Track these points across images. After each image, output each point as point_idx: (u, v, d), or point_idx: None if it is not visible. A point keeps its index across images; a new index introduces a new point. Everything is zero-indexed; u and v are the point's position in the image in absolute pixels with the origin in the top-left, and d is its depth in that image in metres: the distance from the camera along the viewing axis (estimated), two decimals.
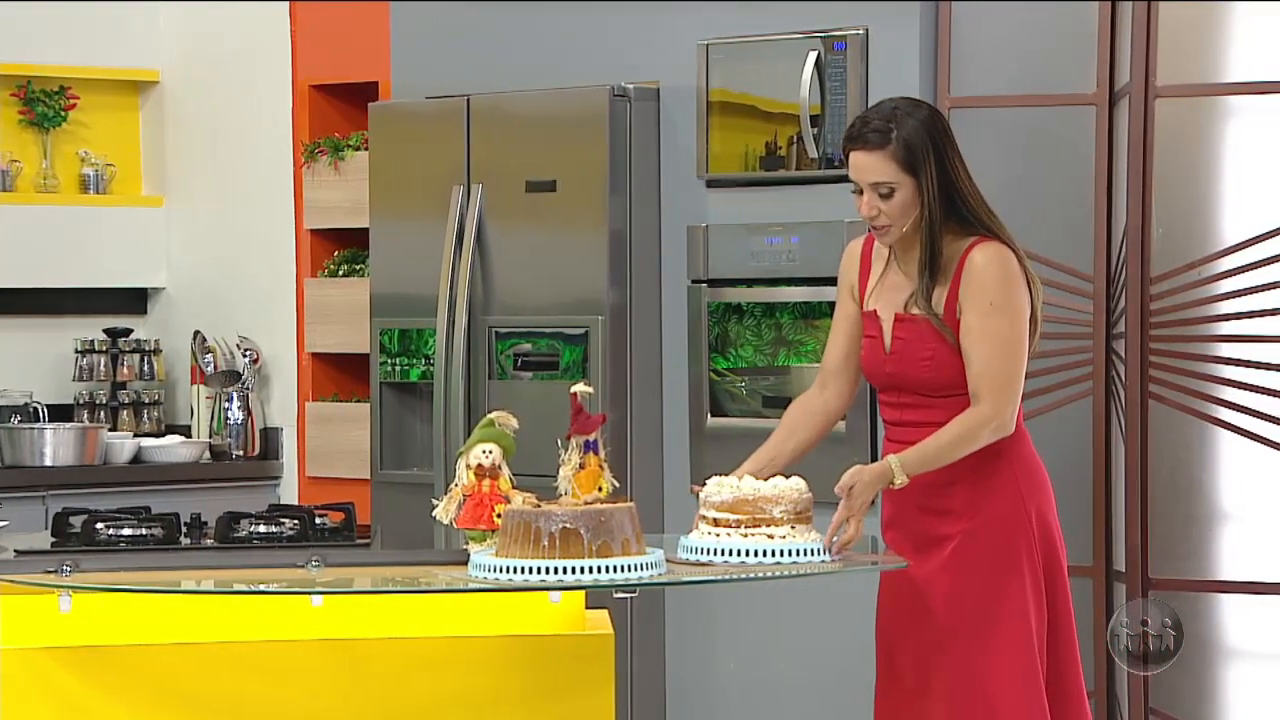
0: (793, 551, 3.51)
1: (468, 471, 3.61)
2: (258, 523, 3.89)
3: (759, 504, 3.53)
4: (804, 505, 3.56)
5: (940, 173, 3.71)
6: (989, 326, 3.67)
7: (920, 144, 3.70)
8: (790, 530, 3.53)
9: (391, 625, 3.68)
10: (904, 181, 3.71)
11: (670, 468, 5.24)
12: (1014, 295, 3.70)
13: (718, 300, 5.14)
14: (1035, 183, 4.80)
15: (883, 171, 3.70)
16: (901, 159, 3.70)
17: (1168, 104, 4.64)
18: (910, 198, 3.71)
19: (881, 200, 3.72)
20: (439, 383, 5.44)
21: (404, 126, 5.60)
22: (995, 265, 3.70)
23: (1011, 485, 3.76)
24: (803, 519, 3.55)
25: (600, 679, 3.69)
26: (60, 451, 6.13)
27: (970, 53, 4.85)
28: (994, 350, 3.66)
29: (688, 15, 5.19)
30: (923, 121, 3.72)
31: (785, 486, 3.56)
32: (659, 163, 5.27)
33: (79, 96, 6.62)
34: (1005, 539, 3.75)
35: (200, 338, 6.50)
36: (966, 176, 3.76)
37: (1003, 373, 3.66)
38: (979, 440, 3.67)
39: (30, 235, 6.50)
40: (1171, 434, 4.64)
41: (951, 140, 3.76)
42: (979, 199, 3.76)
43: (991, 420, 3.66)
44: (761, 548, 3.51)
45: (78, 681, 3.55)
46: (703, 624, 5.20)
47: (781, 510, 3.53)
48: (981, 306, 3.68)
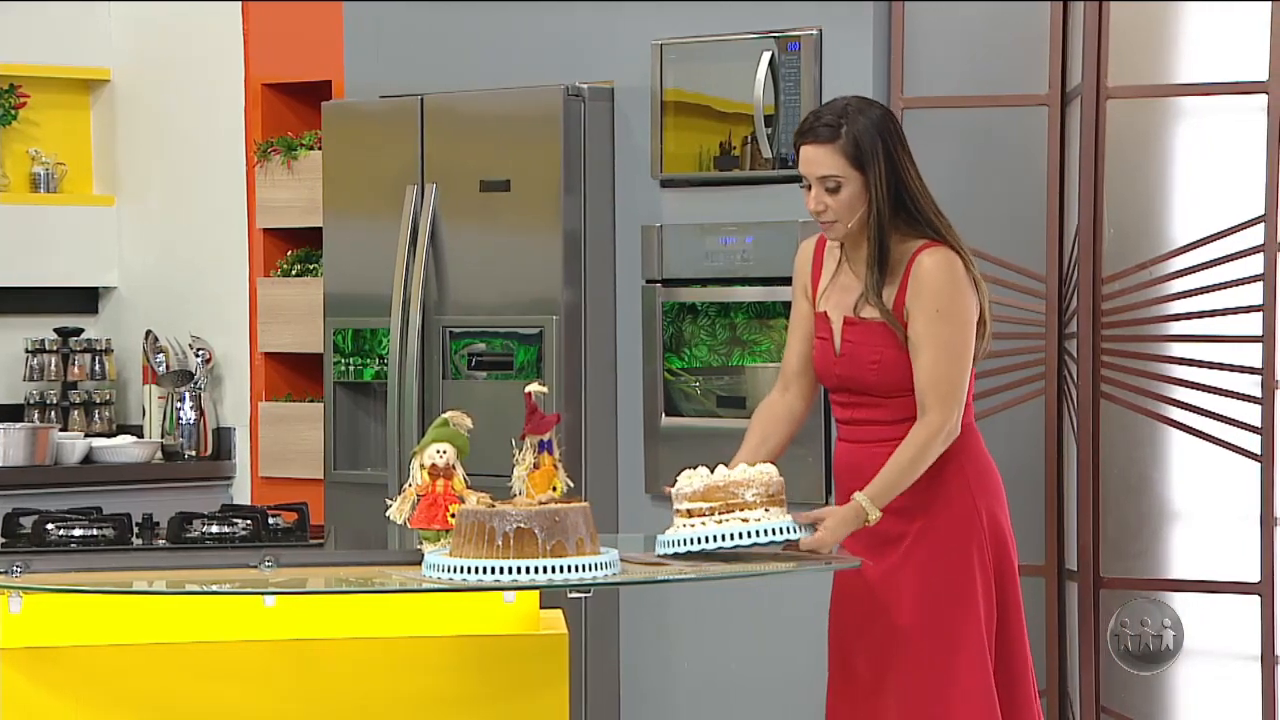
0: (768, 531, 3.52)
1: (422, 471, 3.61)
2: (210, 523, 3.88)
3: (730, 489, 3.55)
4: (776, 488, 3.58)
5: (889, 171, 3.74)
6: (936, 333, 3.71)
7: (870, 141, 3.73)
8: (765, 513, 3.54)
9: (345, 626, 3.67)
10: (851, 176, 3.74)
11: (625, 468, 5.24)
12: (961, 301, 3.73)
13: (672, 300, 5.15)
14: (988, 183, 4.82)
15: (830, 165, 3.74)
16: (850, 154, 3.73)
17: (1119, 105, 4.67)
18: (857, 194, 3.74)
19: (828, 195, 3.75)
20: (393, 383, 5.43)
21: (357, 126, 5.58)
22: (943, 271, 3.73)
23: (963, 485, 3.78)
24: (775, 501, 3.57)
25: (554, 679, 3.69)
26: (10, 452, 6.09)
27: (923, 53, 4.86)
28: (940, 357, 3.70)
29: (642, 15, 5.19)
30: (874, 120, 3.76)
31: (755, 471, 3.59)
32: (613, 162, 5.27)
33: (29, 95, 6.58)
34: (957, 538, 3.77)
35: (152, 337, 6.47)
36: (917, 177, 3.78)
37: (948, 380, 3.70)
38: (934, 452, 3.71)
39: None
40: (1123, 433, 4.67)
41: (903, 141, 3.78)
42: (929, 200, 3.78)
43: (941, 429, 3.70)
44: (737, 530, 3.52)
45: (28, 683, 3.53)
46: (657, 624, 5.21)
47: (754, 493, 3.54)
48: (928, 313, 3.72)
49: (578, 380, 5.25)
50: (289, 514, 4.00)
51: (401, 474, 5.17)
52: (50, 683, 3.53)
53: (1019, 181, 4.80)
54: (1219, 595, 4.58)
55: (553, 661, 3.68)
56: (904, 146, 3.78)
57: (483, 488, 3.61)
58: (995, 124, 4.82)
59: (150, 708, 3.57)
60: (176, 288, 6.54)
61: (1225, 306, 4.59)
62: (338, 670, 3.62)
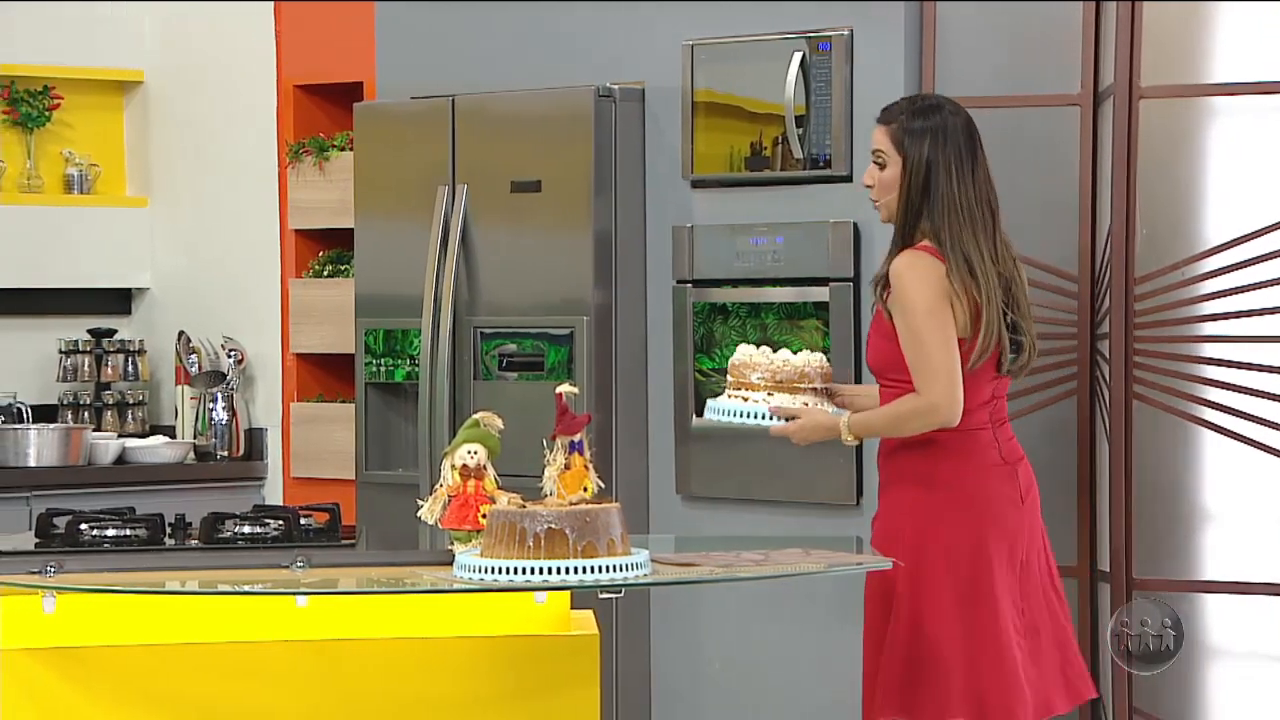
0: (742, 413, 3.82)
1: (453, 472, 3.61)
2: (242, 523, 3.89)
3: (741, 369, 3.85)
4: (786, 375, 3.85)
5: (928, 168, 3.99)
6: (904, 326, 3.97)
7: (917, 132, 4.02)
8: (766, 396, 3.80)
9: (377, 626, 3.68)
10: (894, 158, 4.04)
11: (655, 468, 5.24)
12: (915, 294, 3.96)
13: (703, 300, 5.15)
14: (1020, 183, 4.81)
15: (880, 142, 4.07)
16: (897, 138, 4.04)
17: (1152, 105, 4.65)
18: (895, 176, 4.04)
19: (876, 169, 4.08)
20: (424, 383, 5.44)
21: (389, 127, 5.59)
22: (905, 269, 3.99)
23: (945, 510, 3.96)
24: (783, 388, 3.82)
25: (585, 679, 3.69)
26: (44, 452, 6.12)
27: (955, 53, 4.85)
28: (910, 348, 3.97)
29: (673, 15, 5.19)
30: (938, 119, 4.05)
31: (775, 356, 3.87)
32: (644, 163, 5.27)
33: (63, 96, 6.61)
34: (918, 558, 3.95)
35: (185, 338, 6.49)
36: (955, 180, 4.00)
37: (922, 367, 3.94)
38: (914, 423, 3.97)
39: (14, 236, 6.49)
40: (1156, 434, 4.65)
41: (962, 151, 4.02)
42: (958, 207, 3.99)
43: (927, 408, 3.95)
44: (728, 408, 3.84)
45: (61, 683, 3.54)
46: (688, 624, 5.20)
47: (759, 376, 3.79)
48: (898, 308, 3.99)
49: (608, 381, 5.26)
50: (320, 514, 4.02)
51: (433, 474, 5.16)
52: (83, 682, 3.55)
53: (1051, 182, 4.78)
54: (1252, 597, 4.57)
55: (584, 662, 3.69)
56: (960, 155, 4.02)
57: (514, 488, 3.61)
58: (1027, 124, 4.80)
59: (183, 708, 3.58)
60: (209, 289, 6.56)
61: (1259, 307, 4.57)
62: (369, 670, 3.63)
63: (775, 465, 4.93)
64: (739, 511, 5.05)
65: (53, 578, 3.49)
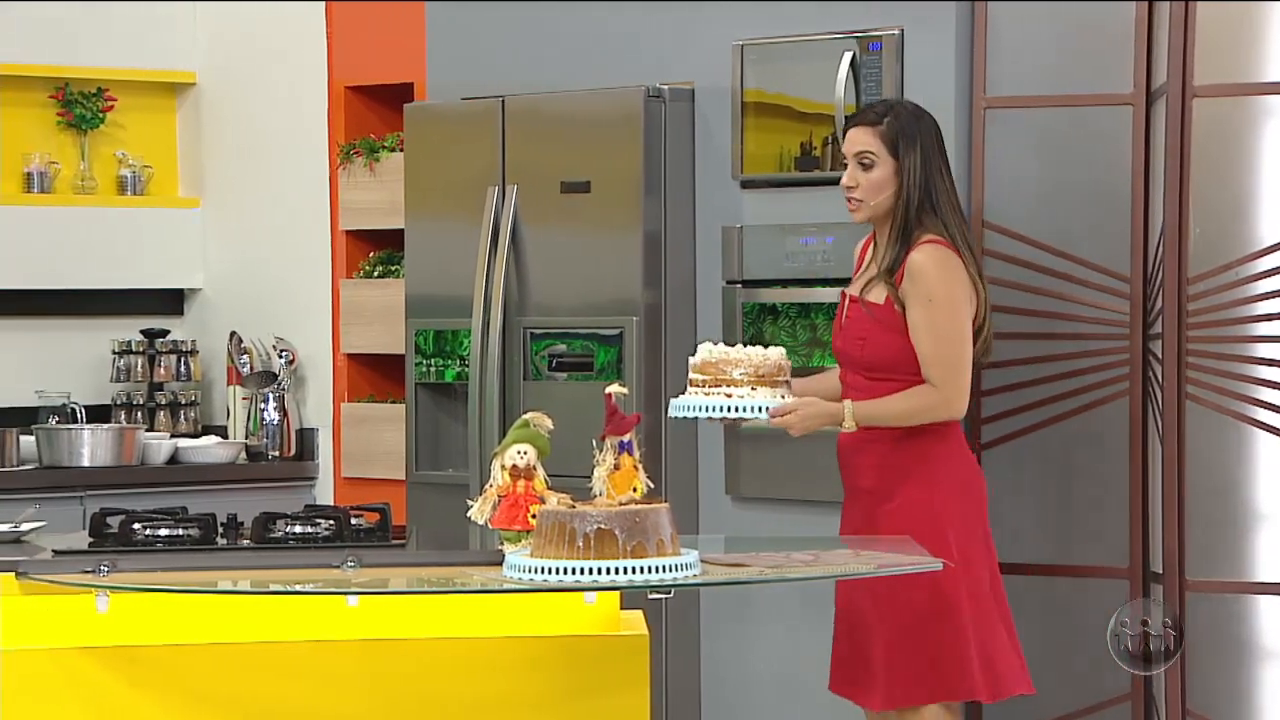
0: (740, 408, 3.80)
1: (503, 472, 3.62)
2: (293, 523, 3.90)
3: (721, 366, 3.85)
4: (767, 370, 3.84)
5: (924, 165, 4.11)
6: (930, 320, 4.05)
7: (910, 134, 4.13)
8: (750, 391, 3.80)
9: (427, 626, 3.69)
10: (884, 159, 4.13)
11: (705, 468, 5.24)
12: (948, 289, 4.07)
13: (752, 301, 5.14)
14: (1071, 183, 4.79)
15: (868, 143, 4.14)
16: (888, 139, 4.13)
17: (1205, 104, 4.62)
18: (886, 177, 4.12)
19: (862, 171, 4.14)
20: (474, 383, 5.45)
21: (439, 127, 5.61)
22: (932, 263, 4.07)
23: (931, 491, 4.06)
24: (765, 382, 3.84)
25: (635, 679, 3.69)
26: (98, 452, 6.15)
27: (1006, 53, 4.84)
28: (938, 342, 4.05)
29: (723, 16, 5.19)
30: (918, 120, 4.16)
31: (751, 351, 3.84)
32: (694, 163, 5.27)
33: (117, 98, 6.65)
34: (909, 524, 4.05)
35: (236, 339, 6.52)
36: (947, 183, 4.15)
37: (948, 360, 4.05)
38: (927, 415, 4.06)
39: (68, 236, 6.53)
40: (1208, 435, 4.62)
41: (941, 148, 4.16)
42: (953, 207, 4.13)
43: (942, 402, 4.06)
44: (716, 404, 3.80)
45: (115, 681, 3.56)
46: (738, 625, 5.20)
47: (741, 372, 3.80)
48: (921, 301, 4.06)
49: (658, 381, 5.25)
50: (371, 514, 4.03)
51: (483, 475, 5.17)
52: (136, 682, 3.57)
53: (1103, 182, 4.76)
54: None
55: (633, 662, 3.69)
56: (941, 153, 4.16)
57: (563, 488, 3.62)
58: (1079, 124, 4.78)
59: (234, 706, 3.60)
60: (260, 289, 6.59)
61: None
62: (419, 670, 3.64)
63: (825, 466, 4.92)
64: (789, 512, 5.04)
65: (106, 577, 3.51)
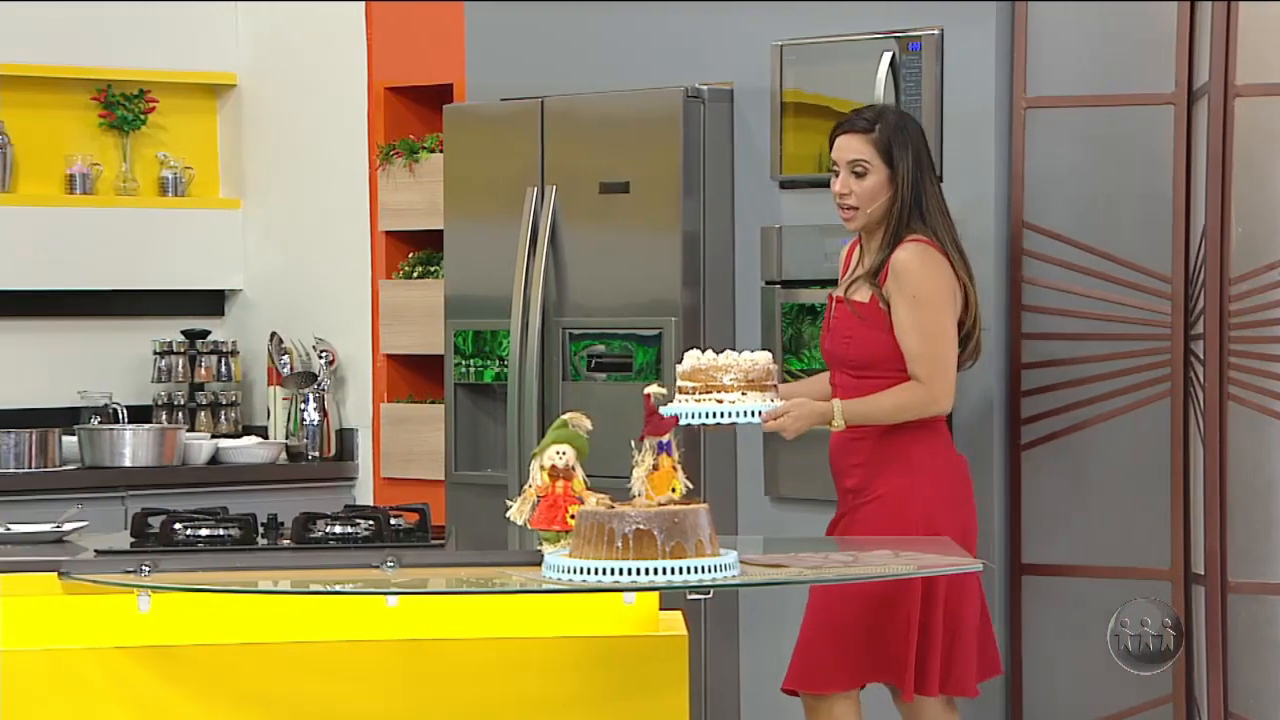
0: (733, 414, 3.79)
1: (541, 472, 3.62)
2: (333, 523, 3.92)
3: (710, 372, 3.83)
4: (757, 374, 3.82)
5: (915, 171, 4.18)
6: (916, 317, 4.12)
7: (901, 141, 4.20)
8: (741, 396, 3.79)
9: (466, 626, 3.69)
10: (878, 166, 4.19)
11: (744, 469, 5.24)
12: (932, 286, 4.13)
13: (791, 301, 5.13)
14: (1113, 183, 4.77)
15: (861, 151, 4.20)
16: (881, 146, 4.20)
17: (1247, 103, 4.60)
18: (880, 184, 4.19)
19: (855, 179, 4.20)
20: (513, 384, 5.46)
21: (478, 128, 5.62)
22: (916, 260, 4.15)
23: (911, 484, 4.14)
24: (755, 386, 3.81)
25: (674, 680, 3.69)
26: (139, 452, 6.18)
27: (1046, 53, 4.82)
28: (923, 339, 4.12)
29: (762, 16, 5.18)
30: (908, 127, 4.23)
31: (739, 357, 3.82)
32: (732, 164, 5.27)
33: (158, 100, 6.68)
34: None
35: (277, 339, 6.54)
36: (936, 188, 4.22)
37: (934, 357, 4.12)
38: (914, 411, 4.14)
39: (110, 237, 6.56)
40: (1250, 435, 4.60)
41: (929, 154, 4.26)
42: (941, 211, 4.21)
43: (928, 397, 4.13)
44: (707, 410, 3.79)
45: (156, 681, 3.58)
46: (777, 625, 5.19)
47: (731, 378, 3.79)
48: (907, 299, 4.13)
49: None
50: (410, 515, 4.04)
51: (522, 475, 5.19)
52: (177, 680, 3.58)
53: (1144, 181, 4.74)
54: None
55: (673, 663, 3.69)
56: (929, 159, 4.24)
57: (602, 489, 3.62)
58: (1120, 124, 4.76)
59: (274, 706, 3.61)
60: (300, 290, 6.61)
61: None
62: (458, 670, 3.65)
63: None
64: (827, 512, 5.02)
65: (148, 577, 3.53)
